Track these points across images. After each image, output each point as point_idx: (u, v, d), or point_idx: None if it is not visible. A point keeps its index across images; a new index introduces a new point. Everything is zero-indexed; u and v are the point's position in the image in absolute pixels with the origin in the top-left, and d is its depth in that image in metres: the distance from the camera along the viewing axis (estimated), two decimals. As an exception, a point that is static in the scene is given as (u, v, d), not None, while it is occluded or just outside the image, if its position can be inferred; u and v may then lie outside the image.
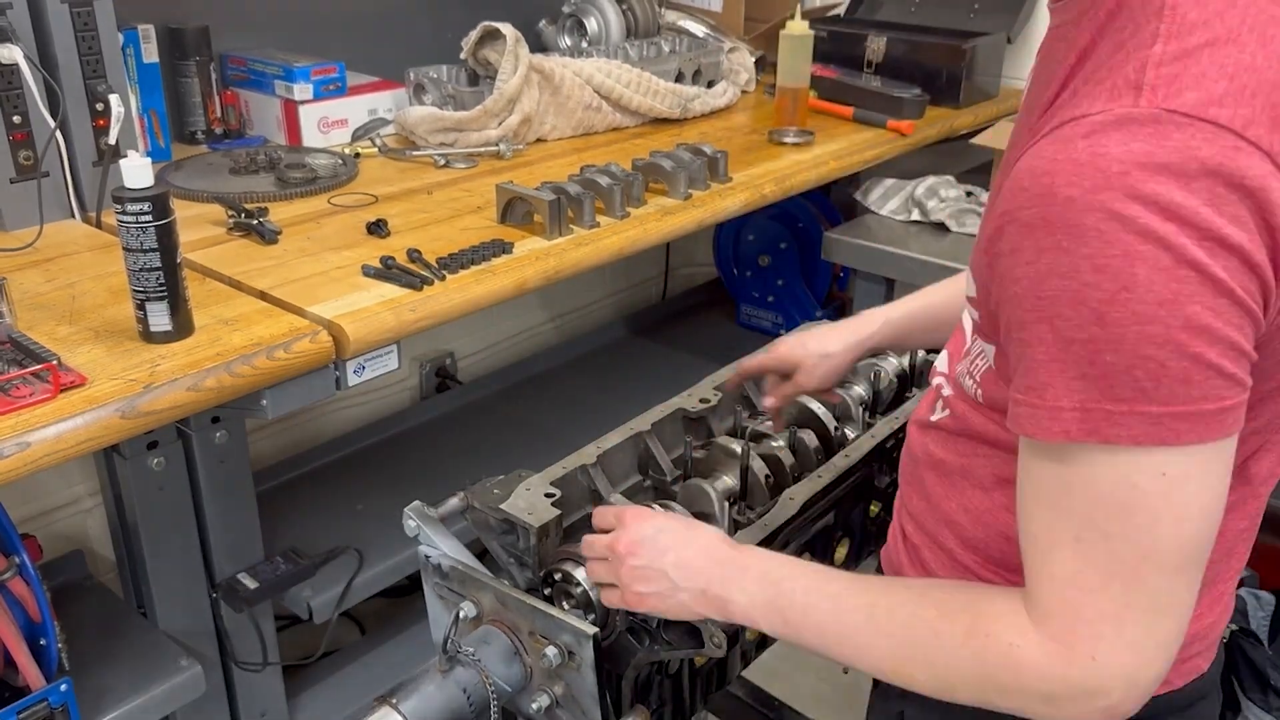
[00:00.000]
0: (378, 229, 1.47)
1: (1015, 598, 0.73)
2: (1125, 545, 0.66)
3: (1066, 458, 0.67)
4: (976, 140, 2.06)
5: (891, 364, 1.48)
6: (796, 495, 1.21)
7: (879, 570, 1.05)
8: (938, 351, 1.00)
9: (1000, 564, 0.86)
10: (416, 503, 1.13)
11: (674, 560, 0.91)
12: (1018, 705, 0.73)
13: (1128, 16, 0.69)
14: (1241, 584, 2.14)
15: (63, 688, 1.22)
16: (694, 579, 0.90)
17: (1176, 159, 0.61)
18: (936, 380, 0.95)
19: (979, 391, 0.83)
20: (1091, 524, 0.67)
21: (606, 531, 0.98)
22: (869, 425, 1.41)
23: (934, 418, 0.91)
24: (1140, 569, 0.67)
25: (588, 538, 1.01)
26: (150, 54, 1.71)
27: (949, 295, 1.22)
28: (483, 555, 1.13)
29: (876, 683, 1.00)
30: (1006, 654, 0.71)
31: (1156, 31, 0.66)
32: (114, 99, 1.42)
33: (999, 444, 0.82)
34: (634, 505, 0.99)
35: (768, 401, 1.31)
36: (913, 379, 1.52)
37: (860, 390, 1.40)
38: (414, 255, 1.38)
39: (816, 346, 1.26)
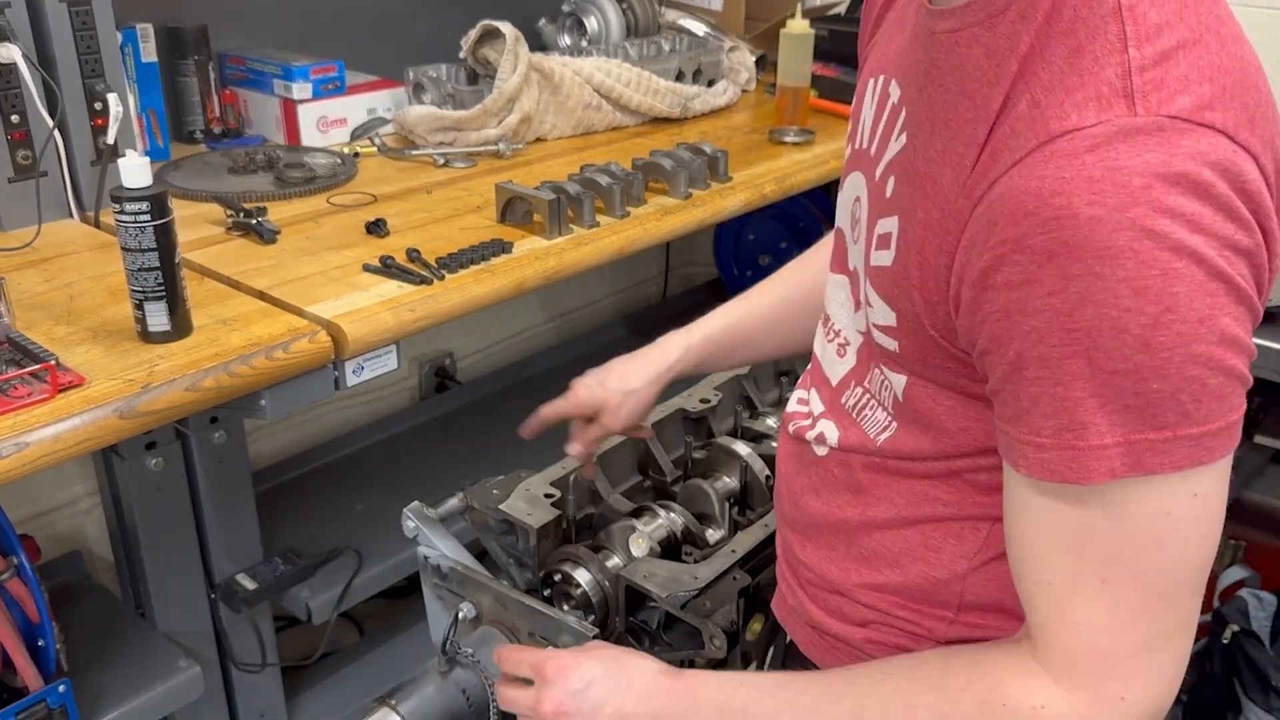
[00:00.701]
0: (377, 228, 1.47)
1: (1022, 654, 0.68)
2: (1158, 577, 0.64)
3: (1092, 498, 0.63)
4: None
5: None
6: (797, 496, 1.21)
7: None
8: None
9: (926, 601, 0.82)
10: (416, 503, 1.13)
11: (613, 714, 0.80)
12: None
13: (1074, 17, 0.65)
14: (1242, 585, 2.15)
15: (61, 689, 1.22)
16: None
17: (1192, 167, 0.58)
18: (798, 419, 0.91)
19: (892, 425, 0.79)
20: (1120, 562, 0.64)
21: (522, 680, 0.88)
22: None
23: (819, 452, 0.87)
24: (1170, 595, 0.64)
25: (502, 690, 0.89)
26: (149, 53, 1.70)
27: (758, 310, 1.18)
28: (482, 556, 1.13)
29: None
30: (1033, 717, 0.67)
31: (1123, 34, 0.63)
32: (112, 98, 1.42)
33: (911, 475, 0.79)
34: (551, 652, 0.87)
35: (573, 448, 1.20)
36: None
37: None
38: (413, 255, 1.38)
39: (617, 384, 1.18)
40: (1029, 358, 0.62)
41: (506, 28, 1.84)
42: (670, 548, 1.16)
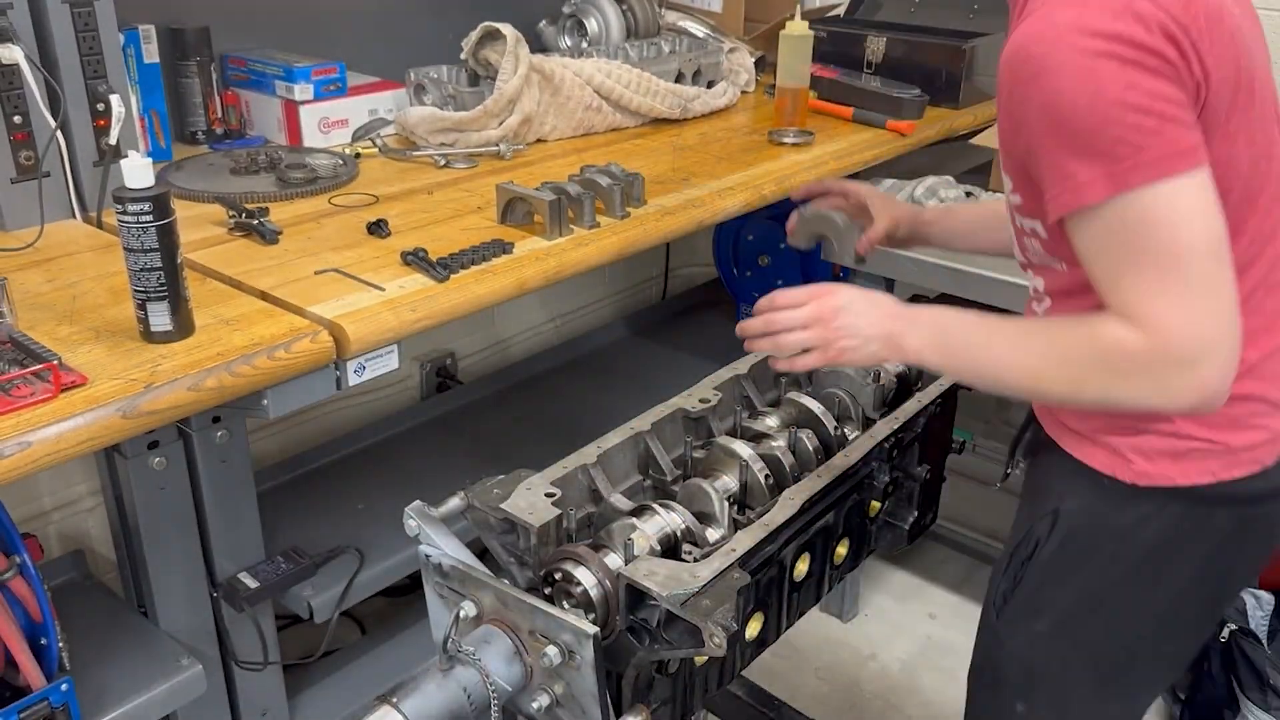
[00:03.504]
0: (378, 229, 1.48)
1: (1114, 316, 0.95)
2: (1165, 253, 0.91)
3: (1102, 215, 0.93)
4: (976, 140, 2.06)
5: (893, 364, 1.49)
6: (796, 495, 1.21)
7: None
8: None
9: None
10: (417, 502, 1.14)
11: (866, 320, 1.12)
12: (1135, 392, 0.96)
13: None
14: (1241, 584, 2.14)
15: (63, 687, 1.22)
16: (880, 330, 1.11)
17: (1101, 13, 0.89)
18: (1031, 303, 1.18)
19: (1043, 252, 1.08)
20: (1138, 250, 0.92)
21: (791, 308, 1.15)
22: (869, 424, 1.41)
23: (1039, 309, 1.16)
24: (1183, 261, 0.91)
25: (779, 315, 1.15)
26: (151, 54, 1.71)
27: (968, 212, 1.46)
28: (483, 555, 1.14)
29: (1025, 493, 1.22)
30: (1118, 345, 0.94)
31: None
32: (115, 99, 1.43)
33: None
34: (822, 285, 1.16)
35: (861, 243, 1.45)
36: (915, 380, 1.52)
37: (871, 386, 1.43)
38: (413, 255, 1.38)
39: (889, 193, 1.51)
40: (1035, 148, 0.95)
41: (507, 29, 1.84)
42: (670, 547, 1.17)
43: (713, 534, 1.21)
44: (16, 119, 1.41)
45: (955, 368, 1.10)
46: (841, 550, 1.34)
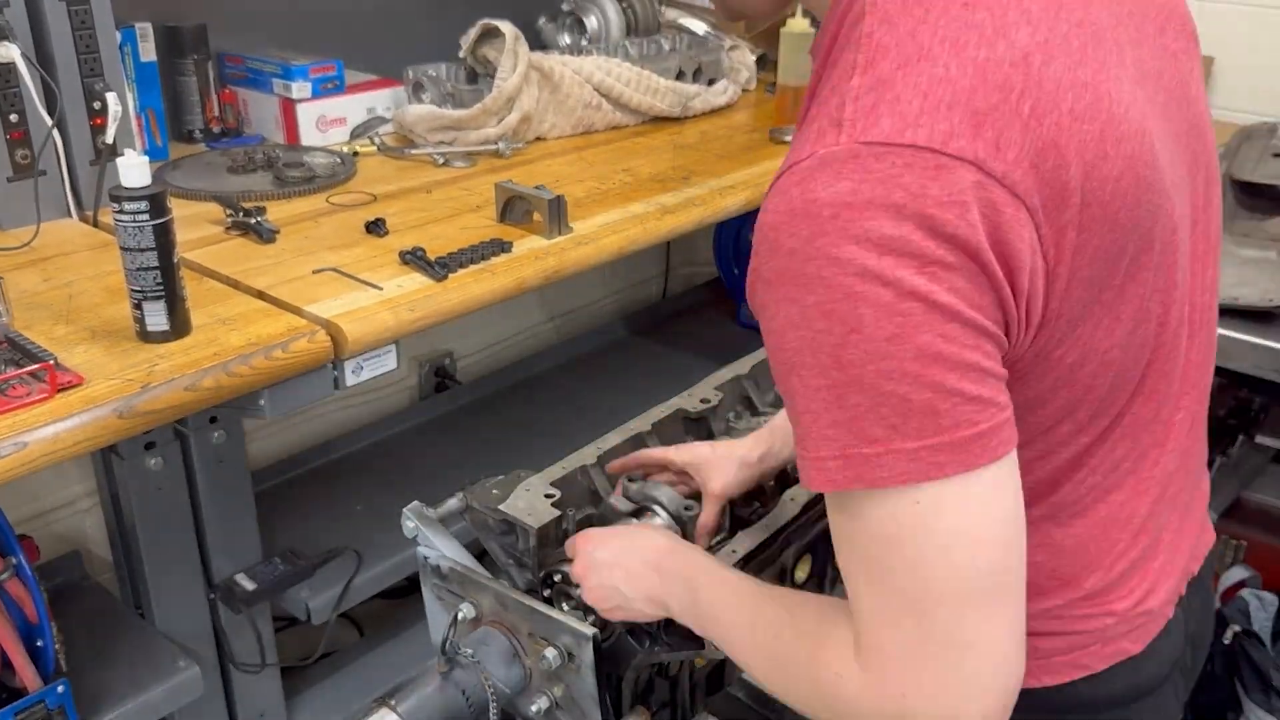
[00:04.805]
0: (376, 228, 1.47)
1: (846, 637, 0.71)
2: (906, 580, 0.65)
3: (845, 504, 0.68)
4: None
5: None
6: (798, 496, 1.20)
7: None
8: None
9: None
10: (415, 503, 1.13)
11: (622, 575, 0.95)
12: None
13: (839, 49, 0.69)
14: (1244, 585, 2.14)
15: (60, 689, 1.22)
16: (639, 588, 0.94)
17: (881, 191, 0.61)
18: None
19: None
20: (873, 562, 0.67)
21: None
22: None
23: None
24: (924, 603, 0.65)
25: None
26: (148, 52, 1.70)
27: None
28: (482, 556, 1.13)
29: None
30: (834, 684, 0.71)
31: (854, 63, 0.66)
32: (111, 97, 1.42)
33: None
34: (584, 532, 1.02)
35: (699, 538, 1.15)
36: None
37: None
38: (412, 254, 1.37)
39: (725, 450, 1.16)
40: (775, 375, 0.68)
41: (506, 27, 1.83)
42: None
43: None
44: (12, 117, 1.40)
45: (712, 637, 0.88)
46: (843, 551, 1.34)
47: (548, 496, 1.14)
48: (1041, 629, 0.82)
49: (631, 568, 0.95)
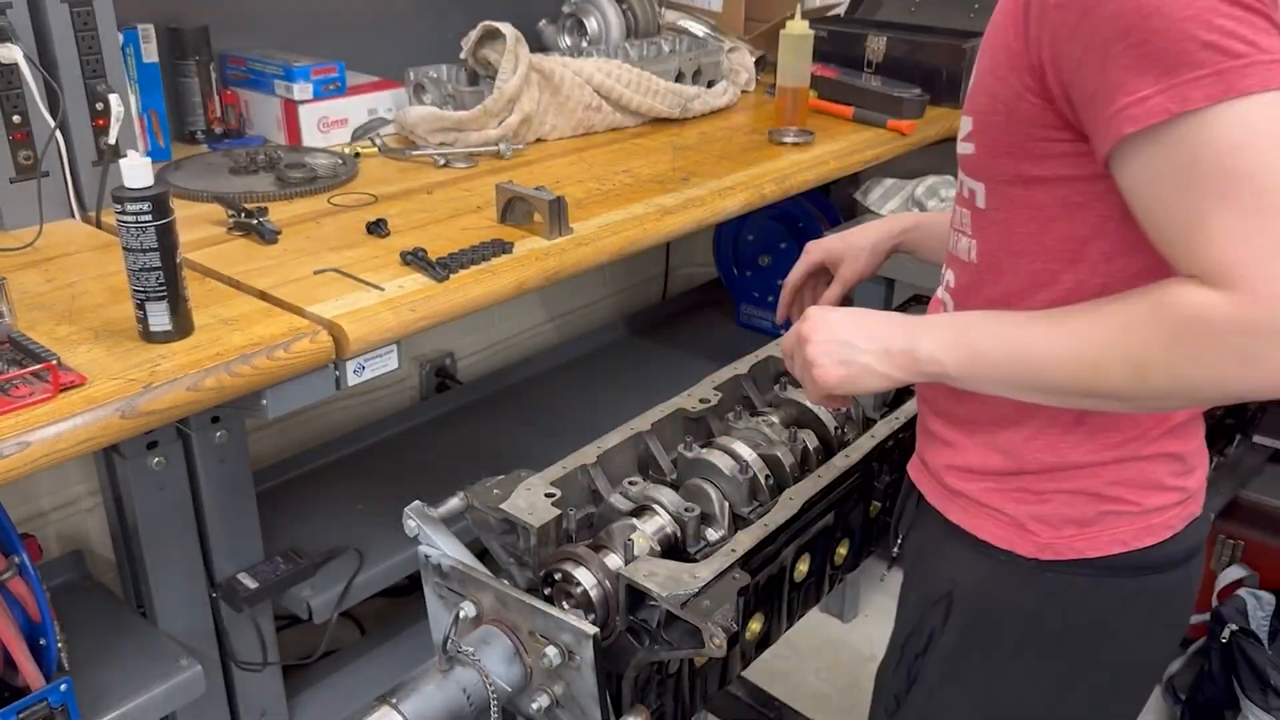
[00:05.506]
0: (377, 228, 1.47)
1: (1183, 279, 0.76)
2: (1263, 181, 0.72)
3: (1180, 135, 0.74)
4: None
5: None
6: (796, 495, 1.21)
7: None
8: None
9: None
10: (416, 503, 1.13)
11: (852, 328, 0.94)
12: (1212, 370, 0.76)
13: None
14: (1241, 584, 2.15)
15: (62, 688, 1.22)
16: (875, 340, 0.93)
17: None
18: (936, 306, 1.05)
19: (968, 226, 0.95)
20: (1225, 176, 0.73)
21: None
22: (869, 424, 1.41)
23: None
24: None
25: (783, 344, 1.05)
26: (150, 54, 1.71)
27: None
28: (483, 555, 1.13)
29: (908, 575, 1.12)
30: (1195, 315, 0.75)
31: None
32: (114, 99, 1.42)
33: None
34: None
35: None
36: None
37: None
38: (413, 255, 1.38)
39: (858, 239, 1.31)
40: (1082, 56, 0.78)
41: (507, 28, 1.84)
42: (670, 548, 1.17)
43: (713, 535, 1.21)
44: (15, 118, 1.40)
45: (980, 373, 0.88)
46: (842, 551, 1.34)
47: (548, 496, 1.15)
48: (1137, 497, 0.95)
49: (871, 322, 0.94)
